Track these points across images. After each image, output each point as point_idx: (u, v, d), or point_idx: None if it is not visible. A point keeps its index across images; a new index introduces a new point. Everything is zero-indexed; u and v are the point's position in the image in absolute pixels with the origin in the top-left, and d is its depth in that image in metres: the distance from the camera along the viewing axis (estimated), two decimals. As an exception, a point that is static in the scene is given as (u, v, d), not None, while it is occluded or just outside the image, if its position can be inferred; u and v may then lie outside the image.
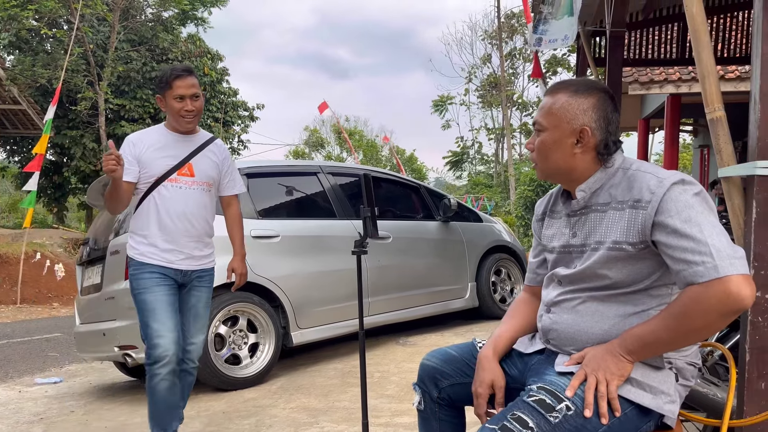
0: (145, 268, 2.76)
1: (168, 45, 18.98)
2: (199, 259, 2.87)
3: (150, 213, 2.78)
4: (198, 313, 2.89)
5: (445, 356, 1.80)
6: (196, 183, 2.82)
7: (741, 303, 1.31)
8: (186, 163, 2.81)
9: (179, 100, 2.73)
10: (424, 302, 5.28)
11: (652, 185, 1.44)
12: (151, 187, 2.77)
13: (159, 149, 2.80)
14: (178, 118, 2.77)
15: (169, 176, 2.78)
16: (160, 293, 2.72)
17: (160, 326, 2.68)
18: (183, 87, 2.72)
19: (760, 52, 1.52)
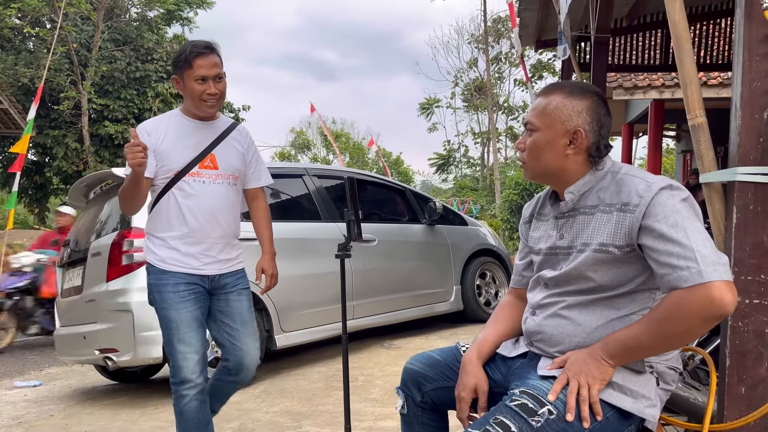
0: (167, 278, 2.42)
1: (153, 45, 18.84)
2: (227, 262, 2.53)
3: (171, 212, 2.44)
4: (245, 319, 2.55)
5: (428, 360, 1.80)
6: (220, 176, 2.48)
7: (723, 309, 1.32)
8: (208, 153, 2.47)
9: (201, 81, 2.37)
10: (409, 305, 5.28)
11: (641, 189, 1.45)
12: (170, 183, 2.43)
13: (177, 139, 2.45)
14: (198, 102, 2.41)
15: (191, 170, 2.43)
16: (185, 310, 2.41)
17: (184, 347, 2.39)
18: (205, 66, 2.36)
19: (741, 60, 1.54)
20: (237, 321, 2.52)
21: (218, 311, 2.53)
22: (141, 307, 3.84)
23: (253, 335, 2.58)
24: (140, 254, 3.91)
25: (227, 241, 2.52)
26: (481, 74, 31.42)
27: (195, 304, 2.43)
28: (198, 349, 2.42)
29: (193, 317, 2.42)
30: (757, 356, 1.54)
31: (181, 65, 2.39)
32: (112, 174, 4.30)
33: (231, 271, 2.55)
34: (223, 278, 2.52)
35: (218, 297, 2.53)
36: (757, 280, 1.54)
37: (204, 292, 2.48)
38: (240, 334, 2.52)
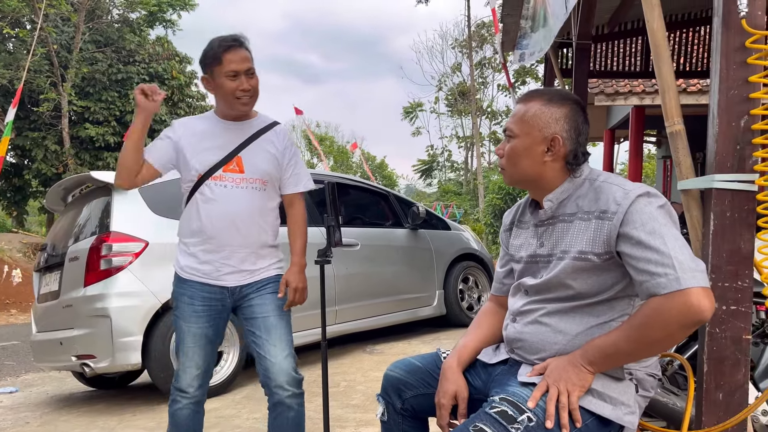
0: (185, 288, 2.31)
1: (135, 47, 18.67)
2: (251, 273, 2.33)
3: (192, 217, 2.31)
4: (269, 325, 2.29)
5: (409, 367, 1.79)
6: (245, 180, 2.30)
7: (701, 315, 1.33)
8: (234, 156, 2.29)
9: (232, 77, 2.21)
10: (391, 310, 5.27)
11: (618, 197, 1.46)
12: (194, 187, 2.30)
13: (203, 139, 2.30)
14: (232, 100, 2.25)
15: (214, 173, 2.27)
16: (195, 325, 2.29)
17: (186, 360, 2.31)
18: (236, 61, 2.20)
19: (719, 68, 1.55)
20: (261, 328, 2.29)
21: (244, 319, 2.36)
22: (119, 313, 3.80)
23: (282, 343, 2.29)
24: (119, 259, 3.87)
25: (252, 250, 2.32)
26: (464, 79, 31.57)
27: (207, 322, 2.30)
28: (199, 364, 2.31)
29: (201, 334, 2.30)
30: (734, 362, 1.55)
31: (209, 62, 2.23)
32: (90, 177, 4.24)
33: (258, 279, 2.34)
34: (246, 288, 2.33)
35: (243, 305, 2.35)
36: (734, 287, 1.55)
37: (223, 309, 2.33)
38: (264, 342, 2.27)
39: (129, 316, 3.82)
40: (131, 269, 3.87)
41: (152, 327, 3.90)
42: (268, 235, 2.37)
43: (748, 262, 1.55)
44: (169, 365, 3.87)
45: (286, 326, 2.33)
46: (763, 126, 1.51)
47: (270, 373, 2.24)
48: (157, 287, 3.91)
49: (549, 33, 3.42)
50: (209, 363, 2.37)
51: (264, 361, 2.26)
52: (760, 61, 1.51)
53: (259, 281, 2.33)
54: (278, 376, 2.23)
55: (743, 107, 1.54)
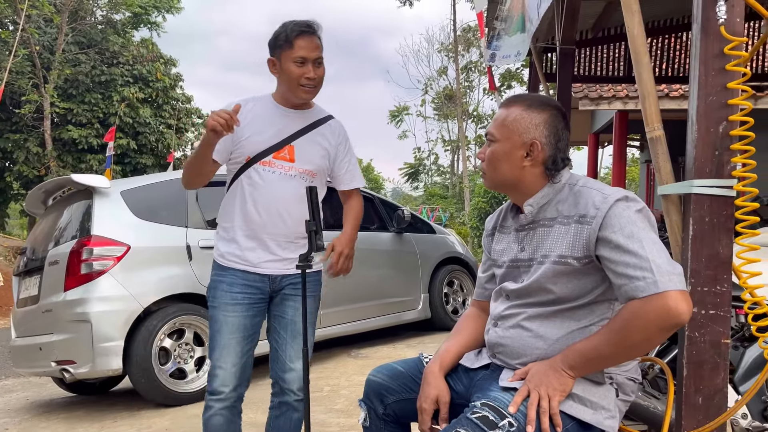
0: (224, 276, 2.22)
1: (119, 49, 18.53)
2: (293, 262, 2.18)
3: (236, 201, 2.23)
4: (297, 330, 2.23)
5: (391, 372, 1.79)
6: (294, 169, 2.22)
7: (679, 318, 1.34)
8: (287, 144, 2.23)
9: (299, 63, 2.14)
10: (376, 314, 5.26)
11: (597, 201, 1.47)
12: (241, 169, 2.23)
13: (259, 122, 2.23)
14: (295, 87, 2.18)
15: (264, 158, 2.20)
16: (232, 314, 2.19)
17: (221, 354, 2.18)
18: (306, 48, 2.13)
19: (698, 74, 1.57)
20: (288, 330, 2.23)
21: (272, 315, 2.29)
22: (100, 318, 3.75)
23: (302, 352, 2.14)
24: (100, 263, 3.82)
25: (295, 239, 2.24)
26: (450, 83, 31.68)
27: (247, 311, 2.20)
28: (235, 361, 2.19)
29: (240, 324, 2.19)
30: (713, 366, 1.56)
31: (280, 44, 2.16)
32: (71, 180, 4.19)
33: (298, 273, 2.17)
34: (286, 279, 2.25)
35: (275, 299, 2.27)
36: (713, 291, 1.56)
37: (262, 298, 2.24)
38: (287, 346, 2.22)
39: (110, 320, 3.77)
40: (112, 273, 3.83)
41: (134, 332, 3.85)
42: None
43: (726, 267, 1.56)
44: (150, 370, 3.83)
45: (311, 334, 2.26)
46: (741, 132, 1.53)
47: (285, 375, 2.22)
48: (139, 291, 3.88)
49: (527, 38, 3.45)
50: (246, 362, 2.23)
51: (282, 364, 2.23)
52: (738, 67, 1.52)
53: (296, 275, 2.23)
54: (293, 382, 2.22)
55: (722, 113, 1.55)
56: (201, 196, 4.36)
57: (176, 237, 4.13)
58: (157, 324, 3.90)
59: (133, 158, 18.61)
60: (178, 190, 4.32)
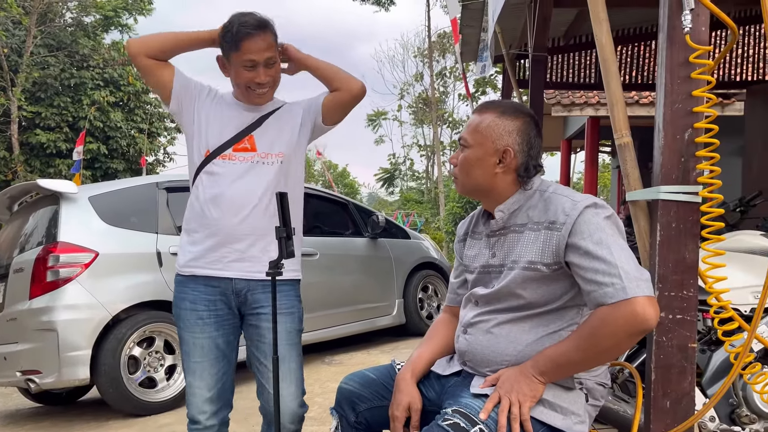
0: (187, 291, 2.02)
1: (89, 51, 18.23)
2: (259, 262, 1.97)
3: (194, 201, 2.05)
4: (281, 355, 1.97)
5: (363, 379, 1.78)
6: (258, 156, 2.03)
7: (647, 324, 1.36)
8: (246, 135, 2.04)
9: (249, 67, 1.96)
10: (351, 320, 5.23)
11: (567, 208, 1.48)
12: (201, 165, 2.04)
13: (221, 114, 2.07)
14: (245, 90, 2.02)
15: (223, 151, 2.02)
16: (201, 335, 1.99)
17: (194, 380, 2.00)
18: (255, 50, 1.93)
19: (664, 82, 1.59)
20: (268, 355, 1.99)
21: (248, 339, 2.06)
22: (66, 326, 3.67)
23: (290, 377, 2.02)
24: (66, 270, 3.74)
25: (262, 234, 2.01)
26: (426, 88, 31.84)
27: (217, 329, 2.00)
28: (210, 384, 1.99)
29: (211, 344, 1.99)
30: (680, 370, 1.58)
31: (228, 45, 1.98)
32: (37, 185, 4.09)
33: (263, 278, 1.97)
34: (255, 291, 2.02)
35: (248, 319, 2.05)
36: (680, 296, 1.58)
37: (229, 312, 2.03)
38: (267, 372, 2.00)
39: (77, 329, 3.68)
40: (80, 281, 3.74)
41: (102, 340, 3.77)
42: None
43: (693, 272, 1.58)
44: (119, 379, 3.75)
45: (297, 356, 2.05)
46: (706, 139, 1.55)
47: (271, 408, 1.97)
48: (108, 299, 3.80)
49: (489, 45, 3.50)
50: (224, 384, 2.03)
51: (267, 395, 2.02)
52: (702, 76, 1.55)
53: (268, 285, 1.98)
54: (284, 415, 2.00)
55: (687, 120, 1.57)
56: (172, 201, 4.30)
57: (146, 243, 4.06)
58: (126, 332, 3.82)
59: (103, 163, 18.30)
60: (149, 195, 4.26)
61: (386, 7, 25.78)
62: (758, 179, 6.38)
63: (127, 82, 18.57)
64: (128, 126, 18.83)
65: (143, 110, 19.54)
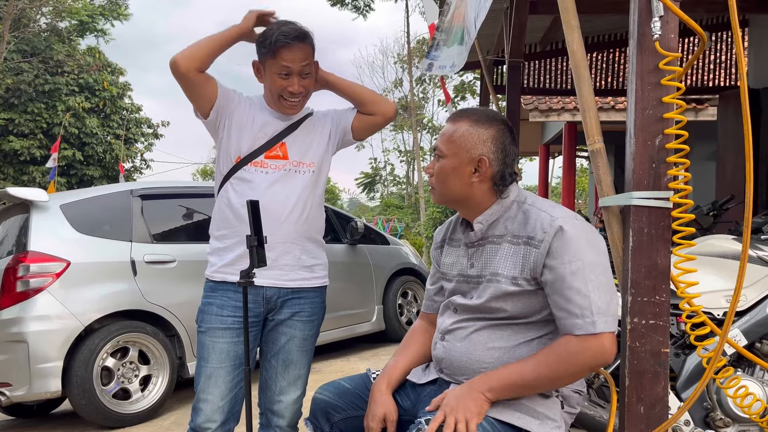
0: (214, 297, 2.02)
1: (64, 57, 17.98)
2: (292, 270, 2.02)
3: (223, 207, 2.04)
4: (290, 359, 2.04)
5: (338, 389, 1.76)
6: (289, 164, 2.03)
7: (607, 360, 1.43)
8: (278, 142, 2.04)
9: (284, 76, 1.95)
10: (330, 327, 5.19)
11: (545, 224, 1.49)
12: (231, 171, 2.03)
13: (254, 120, 2.05)
14: (277, 99, 2.01)
15: (254, 158, 2.01)
16: (221, 339, 1.98)
17: (207, 385, 1.97)
18: (291, 59, 1.93)
19: (634, 88, 1.60)
20: (279, 359, 2.04)
21: (263, 341, 2.08)
22: (37, 337, 3.59)
23: (297, 383, 2.06)
24: (37, 280, 3.66)
25: (293, 242, 2.02)
26: (405, 94, 31.93)
27: (238, 335, 1.98)
28: (225, 392, 1.97)
29: (228, 351, 1.98)
30: (654, 376, 1.58)
31: (264, 51, 1.97)
32: (6, 194, 4.01)
33: (297, 287, 2.03)
34: (284, 297, 2.03)
35: (268, 321, 2.06)
36: (652, 301, 1.58)
37: (257, 322, 2.03)
38: (279, 377, 2.04)
39: (48, 340, 3.60)
40: (51, 291, 3.66)
41: (74, 351, 3.69)
42: (315, 226, 2.10)
43: (665, 277, 1.59)
44: (91, 391, 3.67)
45: (307, 362, 2.10)
46: (676, 145, 1.56)
47: (274, 407, 2.06)
48: (80, 309, 3.72)
49: (465, 50, 3.50)
50: (237, 395, 2.00)
51: (272, 395, 2.06)
52: (672, 82, 1.56)
53: (296, 291, 2.05)
54: (282, 415, 2.06)
55: (658, 127, 1.58)
56: (146, 209, 4.24)
57: (120, 252, 3.99)
58: (99, 343, 3.75)
59: (79, 170, 18.04)
60: (122, 203, 4.20)
61: (364, 14, 25.82)
62: (731, 183, 6.49)
63: (102, 88, 18.35)
64: (104, 132, 18.61)
65: (119, 116, 19.32)
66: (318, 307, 2.12)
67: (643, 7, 1.58)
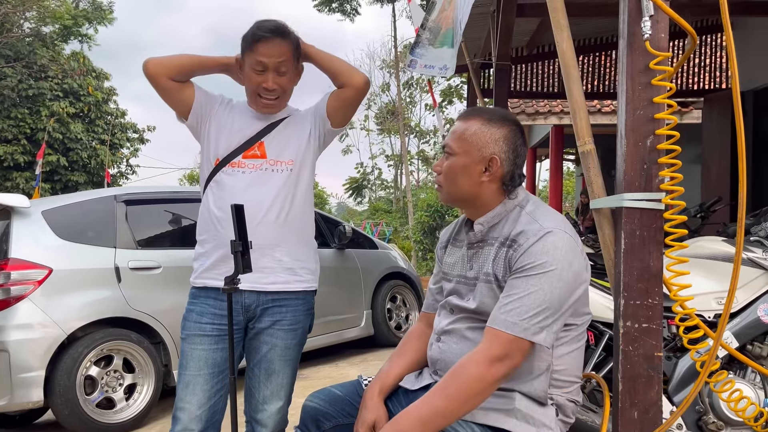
0: (196, 300, 1.99)
1: (48, 62, 17.78)
2: (272, 273, 1.96)
3: (204, 210, 2.01)
4: (272, 369, 1.99)
5: (328, 396, 1.74)
6: (266, 163, 1.99)
7: None
8: (256, 141, 2.00)
9: (259, 71, 1.92)
10: (318, 333, 5.14)
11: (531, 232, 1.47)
12: (211, 174, 2.01)
13: (231, 123, 2.03)
14: (253, 96, 1.99)
15: (232, 159, 1.98)
16: (198, 346, 1.93)
17: (185, 393, 1.93)
18: (267, 54, 1.89)
19: (625, 89, 1.58)
20: (261, 369, 1.99)
21: (246, 350, 2.04)
22: (18, 346, 3.51)
23: (281, 392, 2.02)
24: (18, 288, 3.58)
25: (273, 243, 1.96)
26: (393, 98, 31.96)
27: (217, 343, 1.93)
28: (203, 400, 1.92)
29: (209, 359, 1.93)
30: (647, 380, 1.56)
31: (243, 47, 1.95)
32: (-13, 200, 3.92)
33: (279, 290, 1.97)
34: (263, 306, 1.98)
35: (250, 329, 2.01)
36: (645, 305, 1.56)
37: (237, 329, 1.97)
38: (262, 387, 2.00)
39: (29, 349, 3.52)
40: (32, 299, 3.58)
41: (56, 360, 3.61)
42: (301, 229, 2.04)
43: (657, 280, 1.57)
44: (74, 401, 3.59)
45: (291, 372, 2.05)
46: (668, 146, 1.55)
47: (258, 416, 2.02)
48: (63, 317, 3.65)
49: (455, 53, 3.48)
50: (216, 403, 1.96)
51: (256, 404, 2.02)
52: (663, 82, 1.55)
53: (278, 295, 1.98)
54: (266, 425, 2.03)
55: (649, 127, 1.57)
56: (131, 214, 4.17)
57: (104, 258, 3.92)
58: (83, 351, 3.67)
59: (63, 175, 17.83)
60: (106, 209, 4.13)
61: (351, 17, 25.84)
62: (717, 185, 6.53)
63: (87, 93, 18.17)
64: (89, 137, 18.42)
65: (104, 121, 19.14)
66: (301, 314, 2.04)
67: (633, 6, 1.56)
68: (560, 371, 1.51)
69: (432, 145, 32.45)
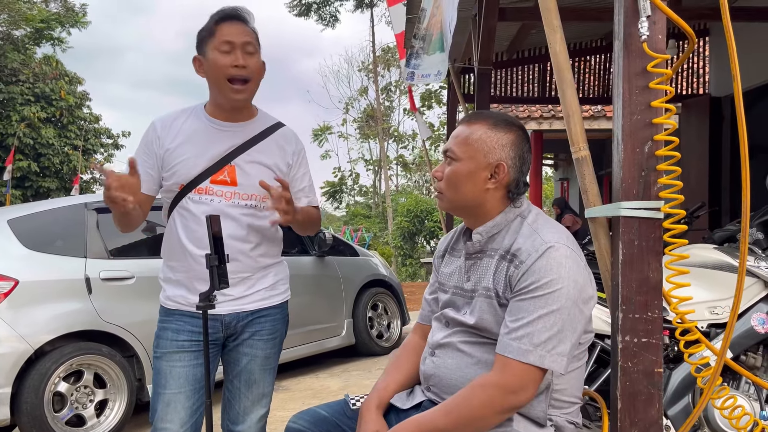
0: (170, 322, 1.89)
1: (19, 65, 17.39)
2: (249, 298, 1.92)
3: (172, 237, 1.90)
4: (252, 379, 1.95)
5: (313, 417, 1.67)
6: (237, 195, 1.85)
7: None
8: (226, 164, 1.84)
9: (225, 51, 1.76)
10: (298, 343, 5.02)
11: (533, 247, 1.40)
12: (175, 199, 1.88)
13: (191, 143, 1.85)
14: (223, 83, 1.79)
15: (199, 183, 1.83)
16: (178, 363, 1.86)
17: (166, 412, 1.84)
18: (233, 33, 1.76)
19: (621, 92, 1.51)
20: (241, 380, 1.95)
21: (224, 362, 1.99)
22: (-17, 363, 3.33)
23: (260, 402, 1.98)
24: (-17, 301, 3.41)
25: (247, 275, 1.91)
26: (371, 103, 31.91)
27: (196, 359, 1.87)
28: (185, 419, 1.85)
29: (189, 375, 1.86)
30: (647, 397, 1.49)
31: (202, 37, 1.81)
32: (-51, 209, 3.74)
33: (258, 308, 1.93)
34: (243, 321, 1.92)
35: (230, 344, 1.95)
36: (644, 318, 1.49)
37: (215, 344, 1.92)
38: (242, 397, 1.95)
39: (-5, 365, 3.36)
40: (-3, 312, 3.42)
41: (23, 377, 3.45)
42: (269, 251, 1.98)
43: (657, 292, 1.50)
44: (42, 418, 3.43)
45: (270, 380, 2.02)
46: (667, 152, 1.48)
47: (238, 428, 1.97)
48: (30, 331, 3.48)
49: (446, 57, 3.43)
50: (197, 421, 1.89)
51: (236, 415, 1.97)
52: (661, 85, 1.48)
53: (257, 312, 1.94)
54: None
55: (647, 132, 1.50)
56: (102, 223, 4.01)
57: (73, 269, 3.76)
58: (51, 366, 3.51)
59: (34, 182, 17.42)
60: (76, 217, 3.97)
61: (332, 24, 25.76)
62: (696, 191, 6.56)
63: (59, 97, 17.80)
64: (61, 143, 18.04)
65: (77, 126, 18.77)
66: (279, 323, 2.02)
67: (629, 6, 1.49)
68: (560, 391, 1.44)
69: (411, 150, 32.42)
